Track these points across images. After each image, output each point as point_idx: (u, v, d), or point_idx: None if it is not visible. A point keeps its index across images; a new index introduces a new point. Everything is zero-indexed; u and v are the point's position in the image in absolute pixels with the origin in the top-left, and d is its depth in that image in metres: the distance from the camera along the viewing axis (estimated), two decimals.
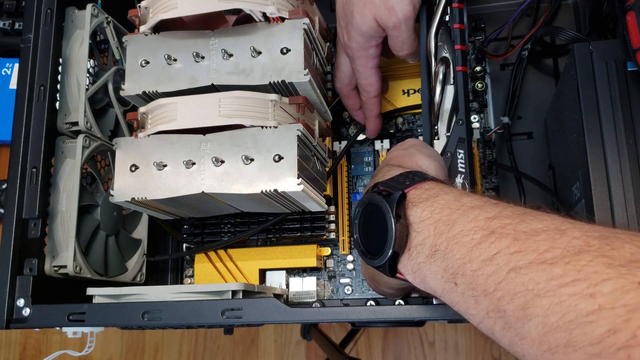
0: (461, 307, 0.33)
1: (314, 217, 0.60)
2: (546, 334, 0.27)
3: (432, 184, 0.38)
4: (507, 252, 0.30)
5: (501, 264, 0.30)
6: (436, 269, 0.34)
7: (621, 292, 0.24)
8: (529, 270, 0.28)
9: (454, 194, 0.36)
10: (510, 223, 0.31)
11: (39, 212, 0.52)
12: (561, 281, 0.27)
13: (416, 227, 0.36)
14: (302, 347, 1.35)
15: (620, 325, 0.24)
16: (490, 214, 0.33)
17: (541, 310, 0.27)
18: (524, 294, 0.28)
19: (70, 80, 0.56)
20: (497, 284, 0.30)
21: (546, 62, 0.66)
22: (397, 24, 0.50)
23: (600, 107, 0.46)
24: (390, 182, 0.40)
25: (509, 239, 0.30)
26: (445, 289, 0.34)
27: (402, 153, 0.46)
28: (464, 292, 0.32)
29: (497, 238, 0.31)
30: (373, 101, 0.58)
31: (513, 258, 0.29)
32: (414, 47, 0.53)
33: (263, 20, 0.50)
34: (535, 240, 0.29)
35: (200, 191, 0.49)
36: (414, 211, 0.37)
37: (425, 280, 0.36)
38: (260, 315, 0.45)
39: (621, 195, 0.44)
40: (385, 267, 0.37)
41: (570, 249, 0.28)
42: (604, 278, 0.25)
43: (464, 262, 0.32)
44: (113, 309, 0.48)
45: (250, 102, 0.49)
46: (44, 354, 1.42)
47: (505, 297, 0.29)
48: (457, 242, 0.33)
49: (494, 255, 0.30)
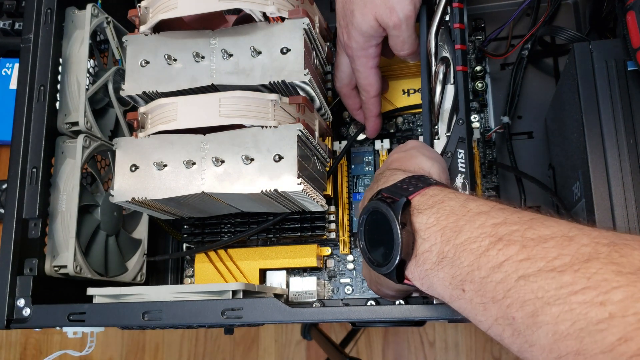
0: (469, 313, 0.33)
1: (314, 217, 0.60)
2: (556, 341, 0.27)
3: (437, 190, 0.38)
4: (515, 259, 0.30)
5: (510, 271, 0.30)
6: (444, 275, 0.34)
7: (632, 300, 0.24)
8: (538, 277, 0.28)
9: (460, 200, 0.36)
10: (517, 229, 0.31)
11: (39, 212, 0.52)
12: (571, 289, 0.27)
13: (422, 234, 0.36)
14: (303, 347, 1.35)
15: (631, 334, 0.24)
16: (497, 220, 0.33)
17: (551, 318, 0.27)
18: (534, 302, 0.28)
19: (71, 80, 0.56)
20: (506, 291, 0.30)
21: (546, 61, 0.66)
22: (398, 23, 0.50)
23: (600, 107, 0.46)
24: (393, 188, 0.40)
25: (517, 246, 0.30)
26: (453, 295, 0.34)
27: (403, 155, 0.46)
28: (472, 298, 0.32)
29: (505, 245, 0.31)
30: (373, 101, 0.58)
31: (522, 265, 0.29)
32: (415, 46, 0.53)
33: (263, 20, 0.50)
34: (543, 248, 0.29)
35: (200, 191, 0.49)
36: (420, 218, 0.36)
37: (432, 287, 0.36)
38: (260, 315, 0.45)
39: (621, 195, 0.44)
40: (392, 275, 0.37)
41: (579, 257, 0.28)
42: (614, 286, 0.25)
43: (472, 269, 0.32)
44: (113, 309, 0.48)
45: (251, 102, 0.49)
46: (44, 354, 1.42)
47: (514, 304, 0.29)
48: (465, 249, 0.33)
49: (503, 262, 0.30)
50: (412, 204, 0.37)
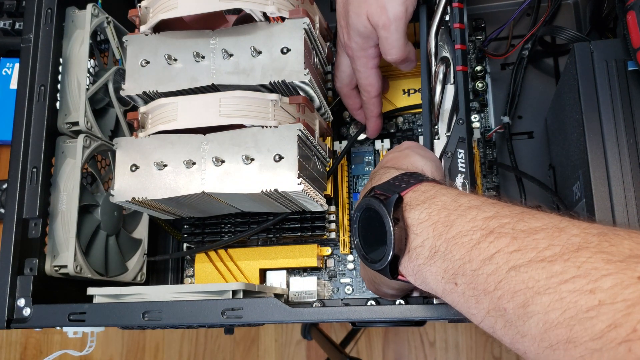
0: (462, 307, 0.33)
1: (315, 216, 0.60)
2: (547, 330, 0.27)
3: (429, 186, 0.39)
4: (506, 250, 0.30)
5: (501, 262, 0.30)
6: (436, 270, 0.34)
7: (621, 287, 0.25)
8: (529, 268, 0.28)
9: (451, 195, 0.37)
10: (508, 222, 0.32)
11: (40, 212, 0.52)
12: (561, 278, 0.27)
13: (415, 230, 0.36)
14: (303, 347, 1.35)
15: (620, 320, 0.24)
16: (488, 213, 0.33)
17: (541, 307, 0.27)
18: (524, 292, 0.28)
19: (71, 80, 0.56)
20: (497, 283, 0.30)
21: (547, 61, 0.66)
22: (387, 23, 0.49)
23: (600, 107, 0.46)
24: (386, 185, 0.40)
25: (507, 238, 0.31)
26: (446, 289, 0.34)
27: (398, 155, 0.46)
28: (465, 292, 0.32)
29: (496, 237, 0.31)
30: (373, 101, 0.58)
31: (512, 257, 0.30)
32: (404, 52, 0.52)
33: (263, 20, 0.50)
34: (534, 239, 0.30)
35: (200, 191, 0.49)
36: (412, 214, 0.37)
37: (426, 282, 0.36)
38: (260, 315, 0.45)
39: (622, 195, 0.44)
40: (386, 271, 0.37)
41: (569, 246, 0.28)
42: (603, 274, 0.26)
43: (463, 262, 0.32)
44: (113, 309, 0.48)
45: (251, 101, 0.49)
46: (44, 354, 1.42)
47: (505, 295, 0.29)
48: (457, 243, 0.33)
49: (494, 254, 0.31)
50: (405, 200, 0.38)
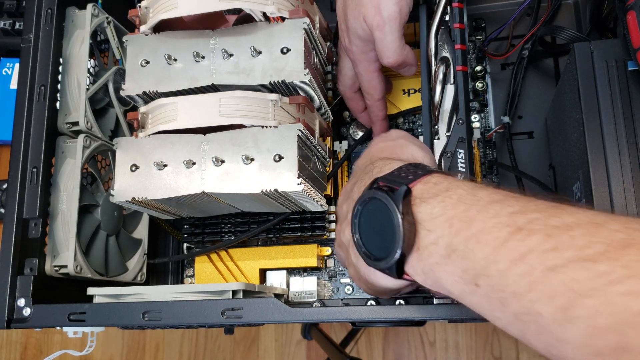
0: (484, 309, 0.31)
1: (315, 216, 0.60)
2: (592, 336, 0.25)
3: (440, 177, 0.36)
4: (540, 249, 0.27)
5: (534, 263, 0.27)
6: (453, 269, 0.32)
7: None
8: (569, 268, 0.26)
9: (467, 188, 0.34)
10: (538, 218, 0.29)
11: (40, 212, 0.52)
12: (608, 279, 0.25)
13: (427, 225, 0.33)
14: (303, 347, 1.35)
15: None
16: (513, 208, 0.30)
17: (586, 311, 0.25)
18: (565, 295, 0.26)
19: (71, 80, 0.56)
20: (530, 285, 0.27)
21: (547, 61, 0.66)
22: (381, 23, 0.48)
23: (600, 107, 0.46)
24: (391, 176, 0.37)
25: (540, 235, 0.28)
26: (465, 290, 0.31)
27: (392, 144, 0.44)
28: (488, 293, 0.30)
29: (527, 235, 0.28)
30: (377, 104, 0.57)
31: (548, 256, 0.27)
32: (400, 55, 0.50)
33: (263, 20, 0.50)
34: (570, 236, 0.27)
35: (200, 191, 0.49)
36: (423, 208, 0.34)
37: (438, 282, 0.33)
38: (260, 315, 0.45)
39: (622, 195, 0.44)
40: (392, 270, 0.35)
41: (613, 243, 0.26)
42: None
43: (488, 263, 0.29)
44: (113, 309, 0.48)
45: (251, 101, 0.49)
46: (44, 354, 1.42)
47: (541, 299, 0.27)
48: (479, 241, 0.30)
49: (525, 254, 0.28)
50: (413, 192, 0.35)
